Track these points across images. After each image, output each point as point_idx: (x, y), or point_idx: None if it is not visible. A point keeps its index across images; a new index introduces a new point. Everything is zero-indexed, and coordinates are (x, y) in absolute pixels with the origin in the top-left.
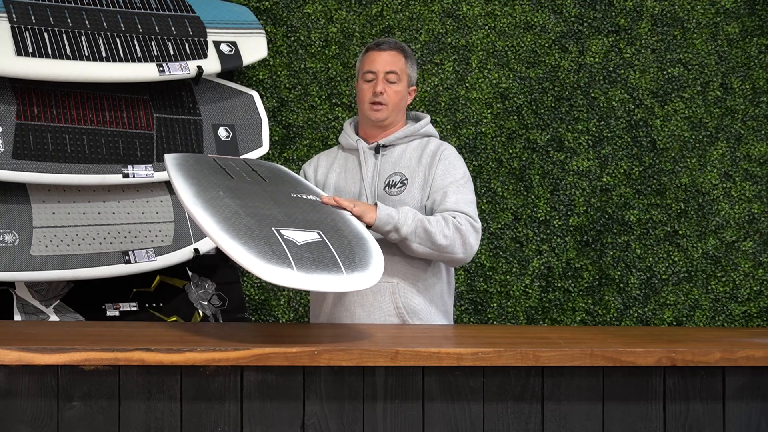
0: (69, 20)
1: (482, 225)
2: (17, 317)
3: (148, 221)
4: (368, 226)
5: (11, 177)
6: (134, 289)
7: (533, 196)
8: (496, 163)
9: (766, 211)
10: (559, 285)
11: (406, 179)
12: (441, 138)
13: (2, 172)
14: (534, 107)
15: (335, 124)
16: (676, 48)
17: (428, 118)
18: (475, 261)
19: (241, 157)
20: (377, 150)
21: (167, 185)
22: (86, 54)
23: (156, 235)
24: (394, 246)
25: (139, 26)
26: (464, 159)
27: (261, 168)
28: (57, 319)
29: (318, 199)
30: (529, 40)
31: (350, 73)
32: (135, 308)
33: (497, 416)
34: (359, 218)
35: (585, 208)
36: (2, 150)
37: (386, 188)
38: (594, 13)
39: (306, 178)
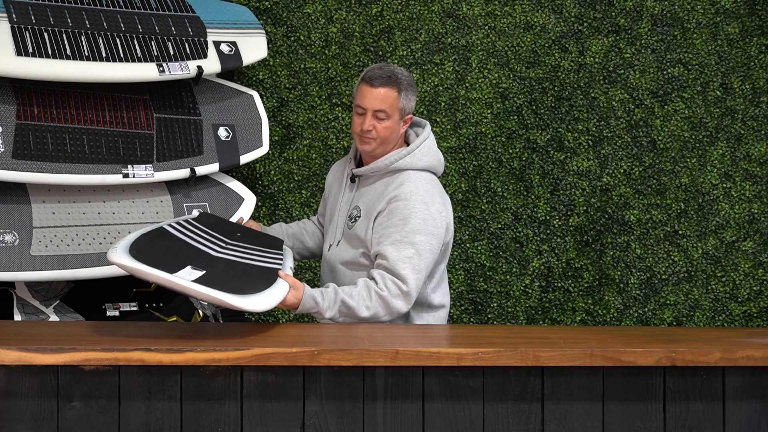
0: (69, 20)
1: (481, 226)
2: (17, 317)
3: (148, 221)
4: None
5: (11, 177)
6: (134, 289)
7: (533, 196)
8: (496, 163)
9: (766, 211)
10: (559, 285)
11: (359, 216)
12: (439, 140)
13: (2, 172)
14: (534, 107)
15: (335, 124)
16: (676, 48)
17: (408, 149)
18: (475, 261)
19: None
20: (353, 179)
21: (167, 185)
22: (86, 54)
23: None
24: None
25: (139, 26)
26: (464, 159)
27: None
28: (57, 319)
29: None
30: (529, 40)
31: (350, 73)
32: (135, 308)
33: (497, 416)
34: (283, 301)
35: (585, 208)
36: (2, 150)
37: (348, 220)
38: (594, 13)
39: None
